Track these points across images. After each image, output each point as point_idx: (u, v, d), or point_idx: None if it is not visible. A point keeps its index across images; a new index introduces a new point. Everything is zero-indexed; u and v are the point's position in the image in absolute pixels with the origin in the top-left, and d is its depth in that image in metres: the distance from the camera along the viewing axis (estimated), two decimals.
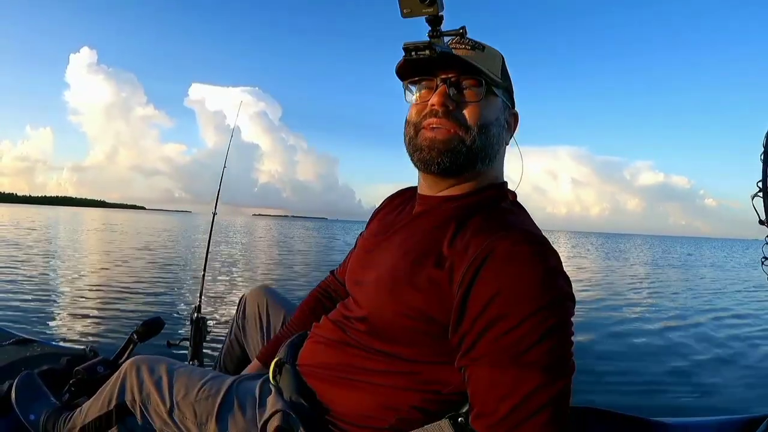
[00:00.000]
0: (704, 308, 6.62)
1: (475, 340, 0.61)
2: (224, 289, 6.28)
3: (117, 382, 0.94)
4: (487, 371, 0.60)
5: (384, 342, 0.73)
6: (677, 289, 8.98)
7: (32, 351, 1.43)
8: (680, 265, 16.73)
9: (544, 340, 0.58)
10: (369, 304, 0.75)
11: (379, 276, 0.75)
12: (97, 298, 5.08)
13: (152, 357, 0.98)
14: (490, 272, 0.61)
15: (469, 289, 0.61)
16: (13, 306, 4.48)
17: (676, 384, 3.23)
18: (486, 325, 0.60)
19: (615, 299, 7.11)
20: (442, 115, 0.70)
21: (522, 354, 0.58)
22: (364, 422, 0.74)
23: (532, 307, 0.58)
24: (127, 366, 0.95)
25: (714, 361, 3.83)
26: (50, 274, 6.72)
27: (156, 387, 0.90)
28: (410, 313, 0.68)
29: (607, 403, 2.77)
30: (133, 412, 0.92)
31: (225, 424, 0.82)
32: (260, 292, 1.25)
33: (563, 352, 0.59)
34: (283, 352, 0.89)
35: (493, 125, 0.73)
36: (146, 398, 0.90)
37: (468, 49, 0.73)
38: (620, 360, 3.76)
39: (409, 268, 0.69)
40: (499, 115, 0.75)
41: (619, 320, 5.41)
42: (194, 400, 0.86)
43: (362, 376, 0.74)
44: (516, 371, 0.58)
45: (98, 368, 1.19)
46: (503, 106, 0.76)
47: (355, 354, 0.76)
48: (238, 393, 0.86)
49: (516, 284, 0.59)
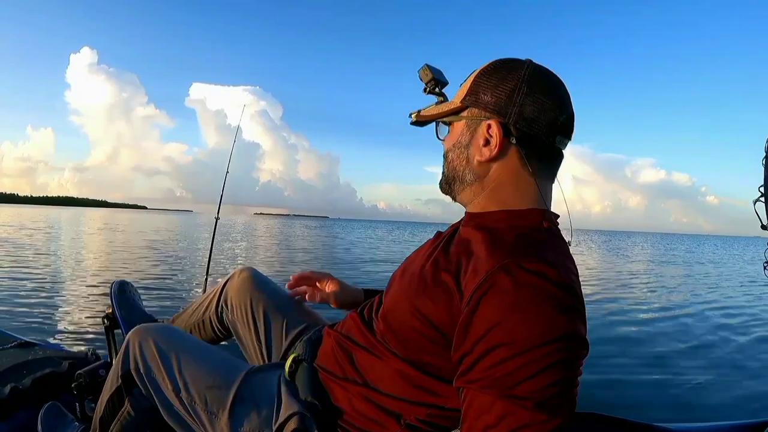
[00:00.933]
0: (705, 308, 6.61)
1: (473, 363, 0.61)
2: None
3: (121, 352, 0.93)
4: (479, 397, 0.60)
5: (398, 342, 0.74)
6: (678, 288, 8.97)
7: (34, 354, 1.43)
8: (682, 262, 16.70)
9: (540, 375, 0.56)
10: (390, 299, 0.79)
11: (407, 275, 0.79)
12: (99, 301, 5.08)
13: (158, 326, 0.97)
14: (497, 298, 0.60)
15: (475, 310, 0.61)
16: (14, 308, 4.49)
17: (676, 386, 3.22)
18: (485, 351, 0.59)
19: (615, 298, 7.11)
20: None
21: (515, 386, 0.57)
22: (371, 427, 0.75)
23: (533, 340, 0.57)
24: (131, 336, 0.94)
25: (716, 364, 3.82)
26: (52, 275, 6.72)
27: (162, 362, 0.89)
28: (418, 316, 0.69)
29: (607, 405, 2.78)
30: (137, 382, 0.90)
31: (239, 419, 0.82)
32: (247, 277, 1.18)
33: (561, 392, 0.57)
34: (301, 348, 0.90)
35: (450, 151, 0.80)
36: (150, 370, 0.89)
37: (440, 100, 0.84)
38: (622, 361, 3.76)
39: (429, 272, 0.72)
40: (459, 138, 0.78)
41: (619, 319, 5.41)
42: (205, 387, 0.85)
43: (375, 382, 0.76)
44: (506, 403, 0.57)
45: (100, 371, 1.19)
46: (466, 126, 0.76)
47: (370, 357, 0.78)
48: (253, 387, 0.86)
49: (520, 315, 0.58)
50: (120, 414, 0.92)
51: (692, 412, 2.76)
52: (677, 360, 3.84)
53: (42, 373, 1.25)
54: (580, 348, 0.60)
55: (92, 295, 5.40)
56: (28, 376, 1.24)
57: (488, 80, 0.74)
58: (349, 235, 29.71)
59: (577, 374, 0.60)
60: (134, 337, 0.93)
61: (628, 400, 2.90)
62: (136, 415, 0.92)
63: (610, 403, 2.84)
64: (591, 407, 0.88)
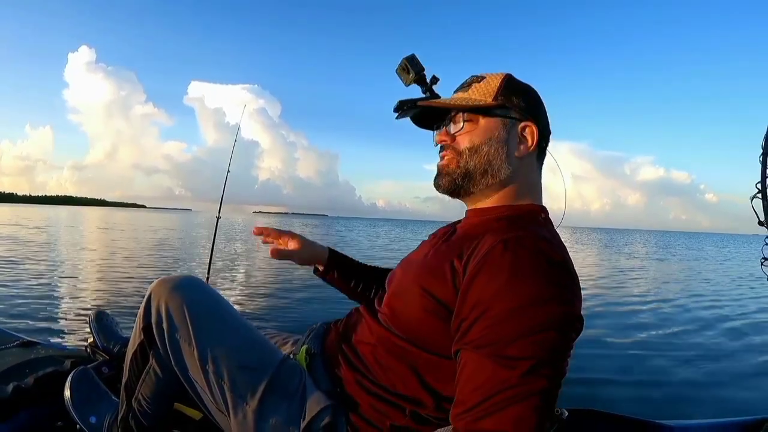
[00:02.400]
0: (706, 306, 6.62)
1: (469, 326, 0.63)
2: (229, 288, 6.31)
3: (143, 305, 0.86)
4: (471, 357, 0.62)
5: (404, 330, 0.76)
6: (678, 285, 8.98)
7: (36, 353, 1.43)
8: (682, 258, 16.70)
9: (531, 338, 0.58)
10: (396, 288, 0.82)
11: (410, 264, 0.84)
12: (99, 299, 5.09)
13: (189, 280, 0.87)
14: (495, 266, 0.64)
15: (474, 278, 0.65)
16: (16, 308, 4.48)
17: (677, 384, 3.23)
18: (480, 313, 0.62)
19: (614, 297, 7.11)
20: (444, 148, 0.85)
21: (505, 346, 0.59)
22: (377, 417, 0.77)
23: (525, 304, 0.60)
24: (154, 287, 0.86)
25: (715, 361, 3.82)
26: (52, 275, 6.73)
27: (193, 324, 0.81)
28: (425, 294, 0.72)
29: (606, 403, 2.79)
30: (157, 340, 0.83)
31: (267, 410, 0.78)
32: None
33: (550, 358, 0.59)
34: (310, 342, 0.90)
35: (485, 144, 0.81)
36: (175, 330, 0.82)
37: (461, 91, 0.85)
38: (620, 358, 3.77)
39: (436, 260, 0.76)
40: (492, 134, 0.81)
41: (619, 320, 5.42)
42: (237, 366, 0.80)
43: (380, 373, 0.78)
44: (495, 362, 0.59)
45: (103, 369, 1.20)
46: (502, 123, 0.81)
47: (375, 349, 0.79)
48: (284, 377, 0.82)
49: (515, 281, 0.61)
50: (145, 373, 0.87)
51: (692, 414, 2.77)
52: (679, 360, 3.85)
53: (44, 372, 1.25)
54: (574, 320, 0.62)
55: (93, 293, 5.40)
56: (31, 375, 1.24)
57: (516, 86, 0.82)
58: (353, 233, 29.65)
59: (568, 346, 0.62)
60: (159, 287, 0.85)
61: (626, 397, 2.91)
62: (162, 373, 0.85)
63: (609, 400, 2.84)
64: (590, 404, 0.89)
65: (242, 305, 5.31)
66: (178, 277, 0.87)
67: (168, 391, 0.89)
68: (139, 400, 0.88)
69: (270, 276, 7.78)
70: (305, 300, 5.60)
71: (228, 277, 7.38)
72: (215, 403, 0.81)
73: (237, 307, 5.11)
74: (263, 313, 4.99)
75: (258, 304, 5.41)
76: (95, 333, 1.32)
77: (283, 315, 4.92)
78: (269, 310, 5.15)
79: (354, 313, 0.90)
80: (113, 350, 1.28)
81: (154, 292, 0.85)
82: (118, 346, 1.28)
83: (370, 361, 0.79)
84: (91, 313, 1.38)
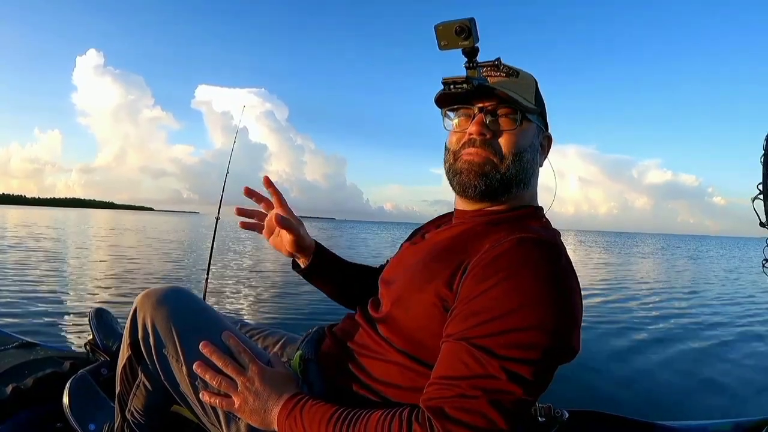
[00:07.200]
0: (707, 307, 6.57)
1: (454, 318, 0.63)
2: (230, 291, 6.32)
3: (129, 319, 0.82)
4: (451, 348, 0.61)
5: (404, 341, 0.73)
6: (682, 288, 8.89)
7: (35, 354, 1.43)
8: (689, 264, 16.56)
9: (514, 334, 0.57)
10: (396, 295, 0.75)
11: (408, 270, 0.77)
12: (101, 300, 5.12)
13: (174, 291, 0.82)
14: (492, 265, 0.62)
15: (470, 274, 0.64)
16: (16, 309, 4.51)
17: (677, 385, 3.20)
18: (472, 311, 0.61)
19: (616, 297, 7.06)
20: (479, 144, 0.74)
21: (485, 337, 0.58)
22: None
23: (524, 303, 0.58)
24: (139, 300, 0.81)
25: (717, 362, 3.79)
26: (54, 276, 6.77)
27: (179, 338, 0.76)
28: (432, 304, 0.69)
29: (606, 403, 2.76)
30: (145, 356, 0.79)
31: None
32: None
33: (533, 359, 0.57)
34: (304, 348, 0.86)
35: (527, 151, 0.75)
36: (162, 345, 0.77)
37: (503, 77, 0.75)
38: (621, 359, 3.74)
39: (437, 264, 0.72)
40: (533, 141, 0.77)
41: (619, 319, 5.38)
42: None
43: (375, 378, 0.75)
44: (471, 353, 0.58)
45: (102, 370, 1.20)
46: (537, 130, 0.78)
47: (370, 355, 0.76)
48: None
49: (511, 279, 0.60)
50: (135, 387, 0.84)
51: (694, 415, 2.74)
52: (679, 360, 3.81)
53: (43, 374, 1.25)
54: (571, 324, 0.60)
55: (94, 294, 5.44)
56: (30, 377, 1.23)
57: (540, 91, 0.79)
58: (361, 235, 29.58)
59: (556, 350, 0.59)
60: (144, 301, 0.80)
61: (627, 398, 2.88)
62: (153, 387, 0.82)
63: (610, 400, 2.82)
64: (591, 405, 0.88)
65: (242, 305, 5.32)
66: (163, 289, 0.82)
67: (160, 404, 0.86)
68: (132, 412, 0.86)
69: (270, 276, 7.80)
70: (306, 300, 5.57)
71: (228, 278, 7.40)
72: (208, 417, 0.79)
73: (237, 307, 5.12)
74: (263, 313, 5.00)
75: (258, 305, 5.42)
76: (95, 330, 1.32)
77: (283, 315, 4.93)
78: (269, 310, 5.16)
79: (349, 318, 0.86)
80: (112, 348, 1.28)
81: (139, 306, 0.81)
82: (117, 345, 1.28)
83: (365, 369, 0.77)
84: (91, 310, 1.38)
